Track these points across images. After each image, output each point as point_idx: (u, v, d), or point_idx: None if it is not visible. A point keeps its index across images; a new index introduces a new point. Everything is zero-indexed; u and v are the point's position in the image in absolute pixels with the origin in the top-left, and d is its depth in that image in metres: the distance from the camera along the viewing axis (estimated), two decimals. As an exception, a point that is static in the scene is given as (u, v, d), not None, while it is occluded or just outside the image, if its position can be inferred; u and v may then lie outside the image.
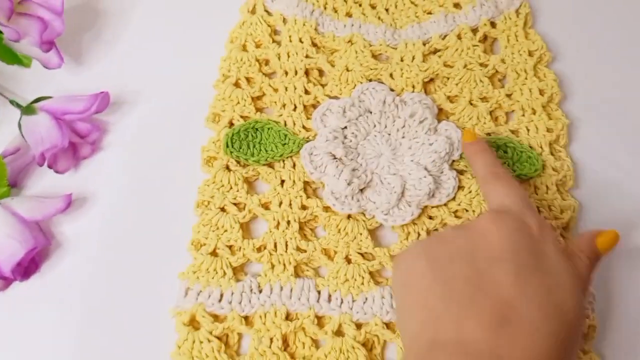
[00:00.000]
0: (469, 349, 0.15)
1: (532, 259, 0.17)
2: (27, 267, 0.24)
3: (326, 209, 0.25)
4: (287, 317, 0.23)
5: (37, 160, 0.25)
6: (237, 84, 0.27)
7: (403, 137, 0.26)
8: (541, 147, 0.26)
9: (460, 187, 0.26)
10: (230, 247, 0.25)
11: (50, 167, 0.25)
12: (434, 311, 0.16)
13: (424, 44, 0.28)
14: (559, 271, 0.17)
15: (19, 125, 0.25)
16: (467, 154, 0.24)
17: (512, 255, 0.17)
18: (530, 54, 0.28)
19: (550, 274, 0.17)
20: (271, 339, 0.23)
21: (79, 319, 0.23)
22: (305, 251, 0.24)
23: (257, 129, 0.26)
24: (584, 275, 0.19)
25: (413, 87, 0.27)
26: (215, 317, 0.23)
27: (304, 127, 0.27)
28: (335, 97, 0.27)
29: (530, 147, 0.26)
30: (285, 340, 0.23)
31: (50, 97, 0.26)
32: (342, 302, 0.24)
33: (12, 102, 0.26)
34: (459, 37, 0.28)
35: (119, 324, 0.23)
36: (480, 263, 0.17)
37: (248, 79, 0.28)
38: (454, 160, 0.26)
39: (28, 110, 0.26)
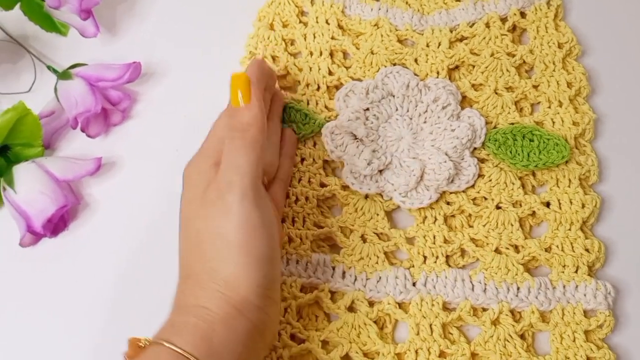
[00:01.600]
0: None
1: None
2: (57, 225, 0.26)
3: (344, 187, 0.27)
4: (302, 289, 0.25)
5: (70, 124, 0.27)
6: (263, 62, 0.29)
7: (425, 122, 0.28)
8: (566, 140, 0.27)
9: (480, 175, 0.27)
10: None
11: (82, 130, 0.27)
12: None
13: (451, 31, 0.30)
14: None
15: (55, 90, 0.28)
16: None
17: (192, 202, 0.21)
18: (559, 46, 0.29)
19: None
20: (286, 309, 0.24)
21: (106, 277, 0.26)
22: (322, 227, 0.26)
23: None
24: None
25: (437, 73, 0.29)
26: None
27: (326, 107, 0.28)
28: (359, 80, 0.29)
29: (557, 135, 0.27)
30: (299, 312, 0.25)
31: (85, 64, 0.28)
32: (355, 279, 0.25)
33: (49, 67, 0.29)
34: (487, 25, 0.30)
35: (145, 285, 0.25)
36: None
37: (274, 58, 0.30)
38: (475, 148, 0.27)
39: (64, 75, 0.28)
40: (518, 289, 0.25)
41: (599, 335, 0.24)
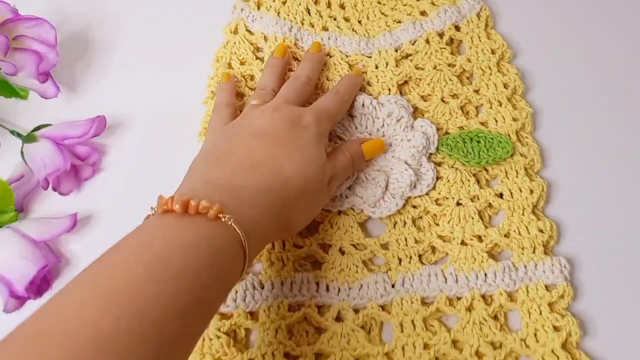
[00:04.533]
0: (211, 182, 0.26)
1: (285, 139, 0.28)
2: (40, 285, 0.29)
3: (318, 207, 0.32)
4: (290, 308, 0.29)
5: (41, 184, 0.30)
6: (224, 99, 0.34)
7: (383, 136, 0.33)
8: (509, 136, 0.33)
9: (439, 178, 0.32)
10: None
11: (54, 189, 0.31)
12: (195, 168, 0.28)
13: (396, 50, 0.35)
14: (305, 151, 0.28)
15: (22, 153, 0.31)
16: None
17: (269, 133, 0.28)
18: (493, 52, 0.36)
19: (295, 151, 0.28)
20: (276, 330, 0.28)
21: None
22: (302, 247, 0.30)
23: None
24: (337, 163, 0.30)
25: (389, 90, 0.34)
26: (222, 315, 0.29)
27: (291, 134, 0.33)
28: (318, 105, 0.34)
29: (499, 134, 0.33)
30: (290, 330, 0.29)
31: (49, 125, 0.32)
32: (339, 290, 0.30)
33: (12, 132, 0.32)
34: (427, 41, 0.36)
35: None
36: (241, 137, 0.28)
37: (237, 94, 0.34)
38: (431, 154, 0.33)
39: (29, 138, 0.31)
40: (485, 275, 0.30)
41: (562, 305, 0.29)
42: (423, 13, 0.37)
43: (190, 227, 0.22)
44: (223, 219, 0.22)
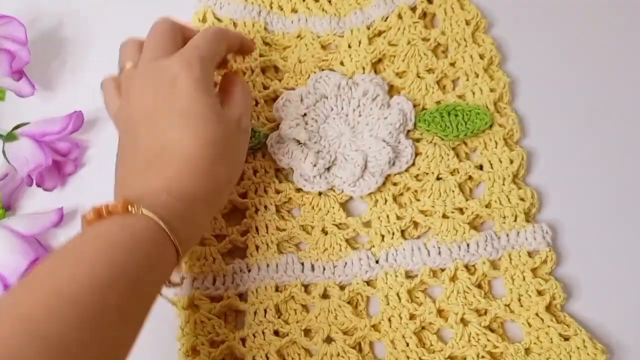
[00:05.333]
0: (122, 184, 0.27)
1: (163, 110, 0.27)
2: (31, 281, 0.30)
3: (298, 190, 0.33)
4: (277, 289, 0.30)
5: (25, 181, 0.31)
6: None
7: (360, 116, 0.34)
8: (487, 107, 0.34)
9: (417, 154, 0.33)
10: (216, 236, 0.32)
11: (38, 185, 0.32)
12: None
13: (368, 28, 0.36)
14: (185, 112, 0.27)
15: (3, 153, 0.32)
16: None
17: (148, 111, 0.27)
18: (467, 22, 0.36)
19: (176, 118, 0.27)
20: (265, 310, 0.29)
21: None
22: (284, 230, 0.32)
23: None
24: (236, 99, 0.29)
25: (363, 69, 0.35)
26: (213, 299, 0.30)
27: (267, 119, 0.34)
28: (292, 89, 0.35)
29: (477, 105, 0.34)
30: (278, 310, 0.30)
31: (28, 123, 0.33)
32: (324, 269, 0.31)
33: (-8, 133, 0.33)
34: (399, 17, 0.36)
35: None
36: (129, 128, 0.28)
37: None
38: (409, 130, 0.34)
39: (9, 137, 0.32)
40: (468, 245, 0.31)
41: (545, 270, 0.31)
42: (394, -12, 0.38)
43: (103, 225, 0.23)
44: (133, 210, 0.24)
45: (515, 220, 0.31)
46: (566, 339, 0.28)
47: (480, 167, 0.33)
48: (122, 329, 0.22)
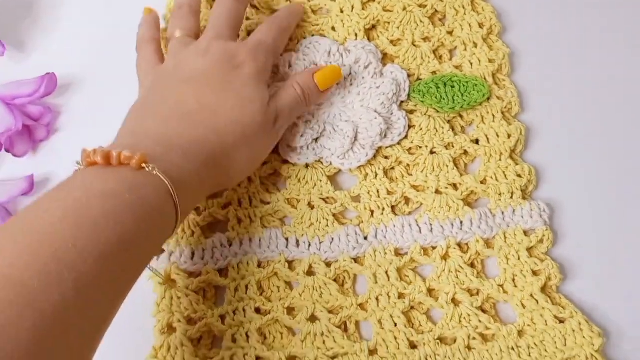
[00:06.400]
0: (139, 133, 0.26)
1: (219, 84, 0.27)
2: None
3: (285, 162, 0.31)
4: (259, 265, 0.29)
5: (-6, 148, 0.30)
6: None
7: (351, 84, 0.32)
8: (485, 78, 0.33)
9: (411, 126, 0.32)
10: (196, 208, 0.30)
11: (8, 151, 0.30)
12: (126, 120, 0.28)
13: (362, -8, 0.34)
14: (241, 94, 0.27)
15: (-30, 117, 0.31)
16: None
17: (201, 79, 0.27)
18: (467, -11, 0.35)
19: (230, 95, 0.27)
20: (246, 286, 0.28)
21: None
22: (269, 203, 0.30)
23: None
24: (283, 100, 0.29)
25: (356, 35, 0.34)
26: (190, 274, 0.29)
27: (254, 86, 0.33)
28: (280, 54, 0.33)
29: (475, 77, 0.33)
30: (260, 286, 0.29)
31: (-3, 86, 0.31)
32: (309, 245, 0.30)
33: (-42, 95, 0.31)
34: (395, -19, 0.35)
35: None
36: (172, 85, 0.28)
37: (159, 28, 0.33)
38: (402, 101, 0.32)
39: (-23, 101, 0.31)
40: (461, 222, 0.30)
41: (541, 250, 0.30)
42: (391, -48, 0.36)
43: (112, 177, 0.22)
44: (147, 169, 0.22)
45: (511, 197, 0.30)
46: (561, 321, 0.27)
47: (477, 142, 0.32)
48: (113, 298, 0.21)
